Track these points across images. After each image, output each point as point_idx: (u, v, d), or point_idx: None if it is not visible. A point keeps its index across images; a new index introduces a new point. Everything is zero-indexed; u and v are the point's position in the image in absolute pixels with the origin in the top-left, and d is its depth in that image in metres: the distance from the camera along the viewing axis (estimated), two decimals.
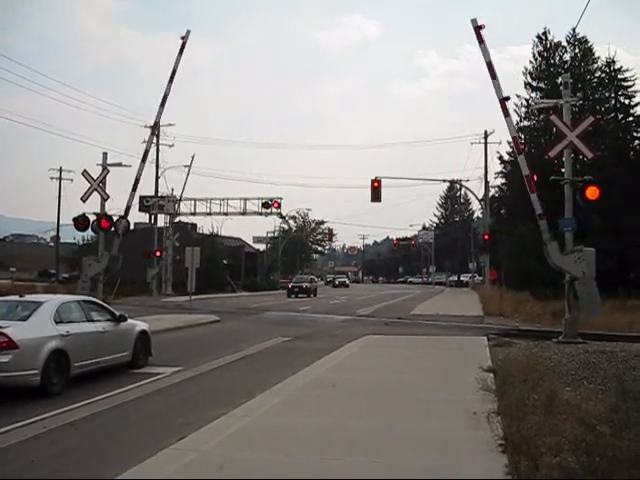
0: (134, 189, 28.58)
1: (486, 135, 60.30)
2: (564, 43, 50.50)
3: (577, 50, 50.25)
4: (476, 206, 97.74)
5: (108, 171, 28.24)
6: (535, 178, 22.35)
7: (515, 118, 51.78)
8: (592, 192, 19.90)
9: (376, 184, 40.89)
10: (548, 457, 6.81)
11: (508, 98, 22.81)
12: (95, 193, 27.81)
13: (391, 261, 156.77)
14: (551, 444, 7.25)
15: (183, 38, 29.93)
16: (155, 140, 60.09)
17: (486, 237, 53.38)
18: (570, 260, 20.05)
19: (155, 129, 30.45)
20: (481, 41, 22.82)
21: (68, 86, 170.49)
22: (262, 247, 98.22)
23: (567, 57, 50.61)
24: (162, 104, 30.21)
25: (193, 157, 56.96)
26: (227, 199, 57.48)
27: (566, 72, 33.53)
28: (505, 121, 22.99)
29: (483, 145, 60.57)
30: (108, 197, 28.09)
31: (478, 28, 22.73)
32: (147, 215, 60.57)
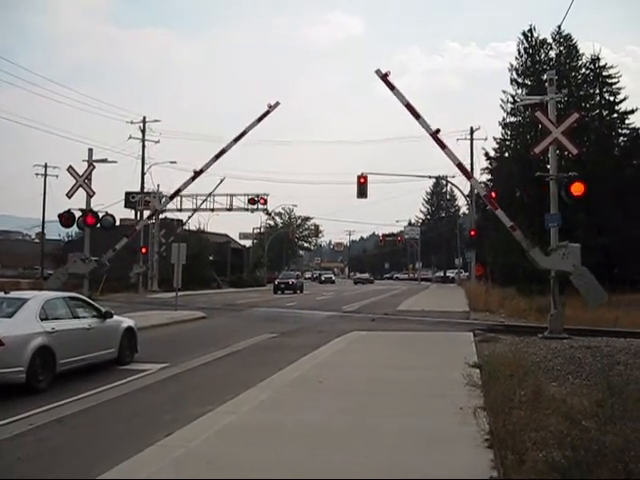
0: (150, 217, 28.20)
1: (472, 131, 60.56)
2: (549, 40, 50.75)
3: (562, 47, 50.47)
4: (462, 202, 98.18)
5: (94, 167, 28.14)
6: (493, 195, 22.62)
7: (501, 114, 52.13)
8: (577, 188, 20.04)
9: (362, 180, 40.86)
10: (534, 452, 6.85)
11: (438, 131, 23.16)
12: (81, 189, 27.71)
13: (377, 257, 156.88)
14: (537, 439, 7.30)
15: (270, 107, 30.13)
16: (142, 137, 60.03)
17: (472, 233, 53.67)
18: (557, 258, 20.12)
19: (198, 175, 30.94)
20: (392, 87, 23.34)
21: (52, 81, 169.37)
22: (248, 243, 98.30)
23: (552, 54, 50.81)
24: (216, 157, 30.62)
25: (222, 180, 53.74)
26: (213, 195, 57.39)
27: (551, 69, 33.56)
28: (444, 152, 23.33)
29: (469, 141, 60.75)
30: (94, 193, 27.98)
31: (384, 76, 23.21)
32: (133, 211, 60.35)
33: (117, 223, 32.40)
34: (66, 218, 28.05)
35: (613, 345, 16.50)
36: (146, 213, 58.94)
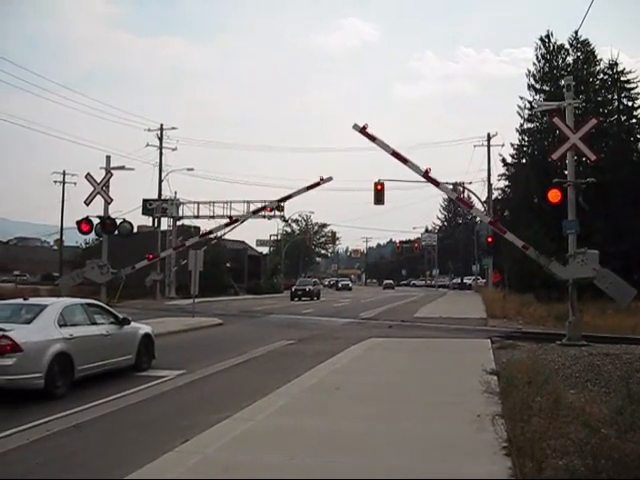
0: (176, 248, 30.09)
1: (489, 137, 60.30)
2: (567, 46, 50.60)
3: (579, 53, 50.30)
4: (479, 209, 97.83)
5: (111, 174, 28.33)
6: (496, 222, 23.06)
7: (518, 120, 51.99)
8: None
9: (379, 187, 40.56)
10: (553, 460, 6.79)
11: (429, 171, 23.37)
12: (99, 196, 27.89)
13: (394, 264, 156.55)
14: (556, 447, 7.24)
15: (322, 180, 31.49)
16: (159, 144, 60.33)
17: (489, 239, 53.47)
18: (576, 266, 20.01)
19: (232, 223, 32.55)
20: (373, 139, 23.64)
21: (68, 88, 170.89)
22: (265, 250, 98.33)
23: (570, 60, 50.66)
24: (254, 212, 36.88)
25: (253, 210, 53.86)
26: (230, 202, 57.32)
27: (569, 75, 33.47)
28: (440, 189, 23.65)
29: (486, 147, 60.51)
30: (112, 200, 28.18)
31: (363, 130, 23.50)
32: (150, 218, 60.56)
33: (135, 230, 32.59)
34: (84, 225, 28.23)
35: (633, 352, 16.36)
36: (164, 220, 59.23)
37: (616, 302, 20.68)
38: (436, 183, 23.48)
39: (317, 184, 30.73)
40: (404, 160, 23.39)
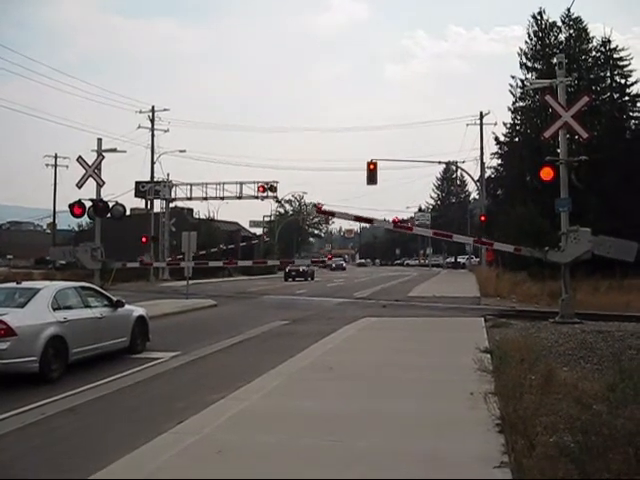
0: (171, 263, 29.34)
1: (481, 116, 60.08)
2: (559, 23, 50.45)
3: (572, 30, 50.14)
4: (472, 187, 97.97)
5: (103, 157, 28.28)
6: (483, 219, 24.08)
7: (511, 98, 51.93)
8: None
9: (372, 166, 40.62)
10: (545, 436, 6.85)
11: (396, 220, 24.99)
12: (91, 179, 27.84)
13: (388, 243, 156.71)
14: (548, 423, 7.31)
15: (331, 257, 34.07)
16: (151, 126, 60.01)
17: (482, 218, 53.46)
18: (572, 246, 20.16)
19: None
20: (332, 214, 27.34)
21: (59, 72, 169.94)
22: (259, 231, 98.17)
23: (562, 37, 50.51)
24: None
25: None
26: (223, 183, 57.15)
27: (561, 52, 33.39)
28: (415, 232, 24.98)
29: (479, 126, 60.35)
30: (104, 183, 28.15)
31: (319, 210, 26.56)
32: (143, 201, 60.37)
33: (127, 212, 32.56)
34: (77, 208, 28.19)
35: (625, 329, 16.48)
36: (157, 202, 59.03)
37: (625, 260, 20.94)
38: (409, 229, 24.71)
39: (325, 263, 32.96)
40: (369, 221, 25.19)
